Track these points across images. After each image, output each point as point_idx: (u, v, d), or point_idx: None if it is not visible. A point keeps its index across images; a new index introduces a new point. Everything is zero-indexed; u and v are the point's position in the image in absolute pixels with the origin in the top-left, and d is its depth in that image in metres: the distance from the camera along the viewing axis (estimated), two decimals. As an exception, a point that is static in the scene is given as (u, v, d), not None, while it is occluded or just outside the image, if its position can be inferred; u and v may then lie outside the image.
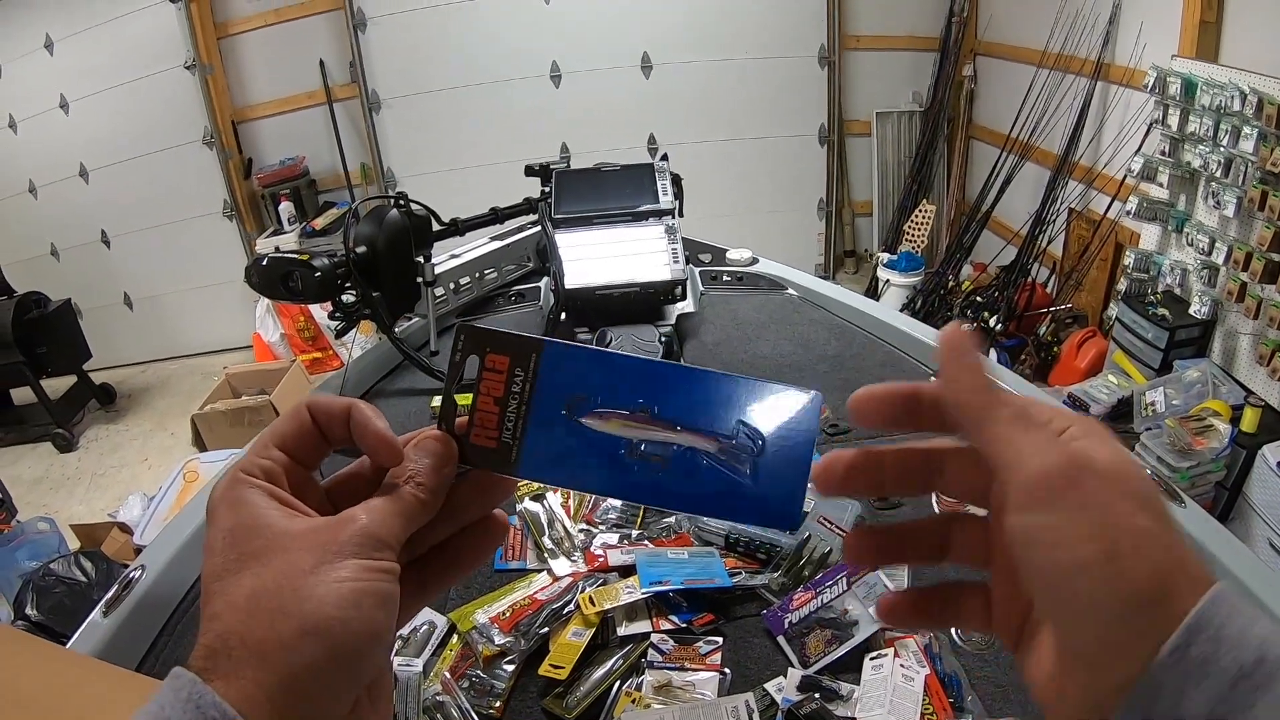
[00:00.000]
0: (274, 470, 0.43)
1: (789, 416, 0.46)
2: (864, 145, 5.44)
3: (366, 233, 1.80)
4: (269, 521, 0.41)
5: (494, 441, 0.46)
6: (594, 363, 0.47)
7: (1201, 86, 2.98)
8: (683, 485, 0.46)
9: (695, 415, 0.46)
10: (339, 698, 0.39)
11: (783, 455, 0.45)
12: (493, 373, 0.46)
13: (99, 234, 5.49)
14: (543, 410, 0.46)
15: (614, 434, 0.46)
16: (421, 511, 0.43)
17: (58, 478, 4.56)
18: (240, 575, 0.39)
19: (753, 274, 2.36)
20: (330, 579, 0.38)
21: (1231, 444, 2.77)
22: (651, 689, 1.07)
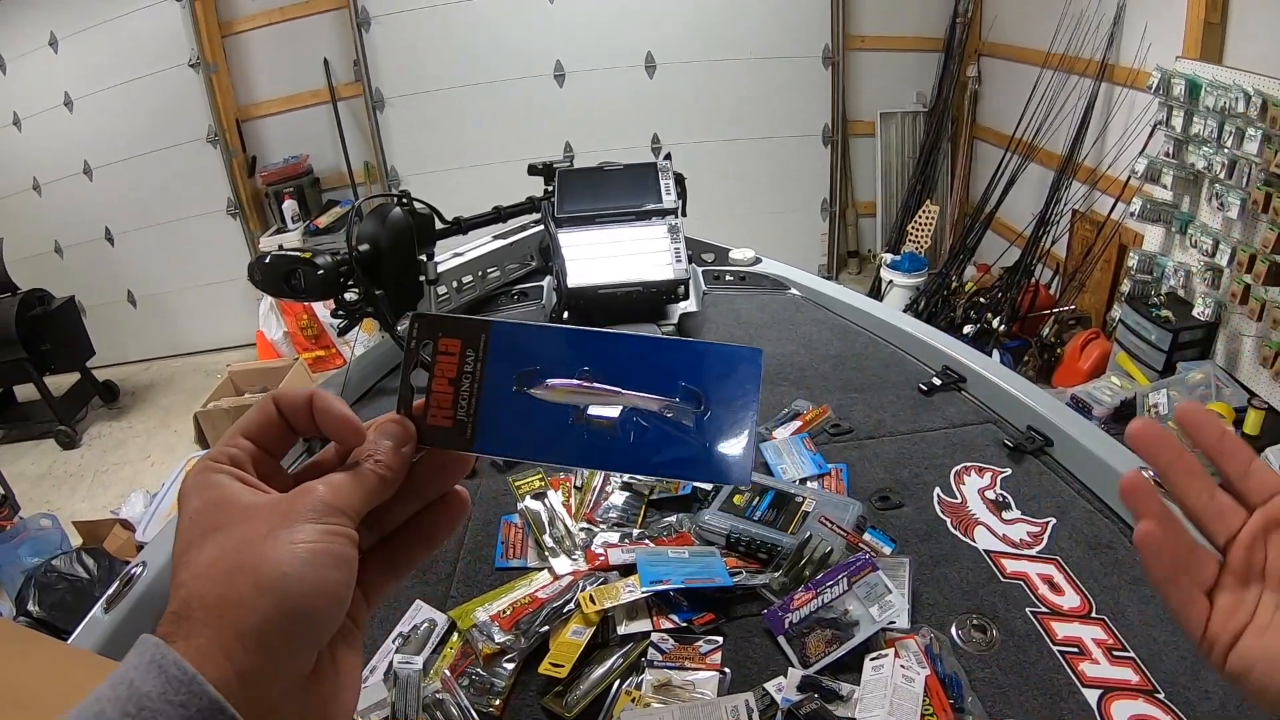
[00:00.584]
0: (240, 457, 0.46)
1: (731, 375, 0.48)
2: (868, 145, 5.43)
3: (369, 231, 1.80)
4: (233, 497, 0.43)
5: (450, 421, 0.48)
6: (539, 338, 0.49)
7: (1206, 88, 2.98)
8: (632, 447, 0.48)
9: (639, 379, 0.48)
10: (296, 654, 0.41)
11: (727, 412, 0.47)
12: (446, 355, 0.49)
13: (103, 231, 5.50)
14: (494, 387, 0.49)
15: (561, 402, 0.48)
16: (381, 487, 0.46)
17: (60, 474, 4.57)
18: (204, 546, 0.41)
19: (755, 274, 2.36)
20: (286, 540, 0.41)
21: (1234, 447, 2.76)
22: (651, 688, 1.07)
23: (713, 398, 0.47)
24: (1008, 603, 1.19)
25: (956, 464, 1.49)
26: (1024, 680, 1.07)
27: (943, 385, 1.73)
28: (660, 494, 1.45)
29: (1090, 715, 1.02)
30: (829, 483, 1.46)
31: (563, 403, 0.48)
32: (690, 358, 0.48)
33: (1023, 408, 1.59)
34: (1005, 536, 1.32)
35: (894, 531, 1.33)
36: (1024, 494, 1.41)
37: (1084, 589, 1.20)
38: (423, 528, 0.50)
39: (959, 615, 1.18)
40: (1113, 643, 1.11)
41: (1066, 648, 1.11)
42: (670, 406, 0.48)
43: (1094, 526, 1.33)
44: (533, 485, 1.48)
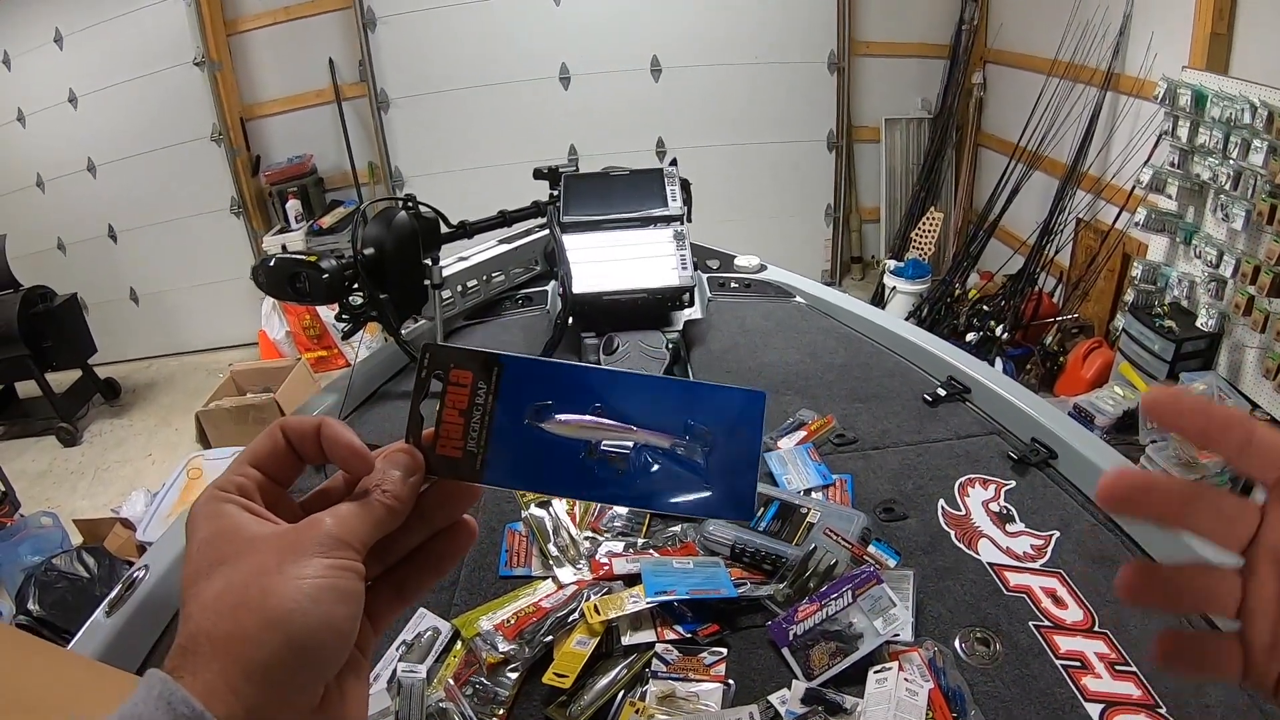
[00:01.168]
0: (248, 486, 0.46)
1: (736, 414, 0.50)
2: (872, 152, 5.43)
3: (374, 234, 1.80)
4: (240, 527, 0.43)
5: (459, 451, 0.49)
6: (552, 373, 0.50)
7: (1212, 98, 2.98)
8: (641, 483, 0.49)
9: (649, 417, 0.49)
10: (303, 689, 0.41)
11: (733, 450, 0.49)
12: (457, 387, 0.49)
13: (106, 229, 5.50)
14: (505, 420, 0.49)
15: (574, 437, 0.49)
16: (389, 517, 0.46)
17: (61, 472, 4.57)
18: (211, 578, 0.41)
19: (760, 281, 2.35)
20: (293, 575, 0.41)
21: (1236, 458, 2.76)
22: (655, 699, 1.07)
23: (719, 437, 0.49)
24: (1011, 616, 1.19)
25: (961, 476, 1.48)
26: (1026, 694, 1.07)
27: (947, 396, 1.72)
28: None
29: None
30: (833, 493, 1.46)
31: (575, 437, 0.49)
32: (697, 398, 0.50)
33: (1027, 419, 1.58)
34: (1009, 549, 1.32)
35: (898, 543, 1.33)
36: (1028, 506, 1.41)
37: (1087, 603, 1.20)
38: (430, 555, 0.51)
39: (962, 628, 1.17)
40: (1115, 657, 1.11)
41: (1069, 662, 1.11)
42: (680, 444, 0.49)
43: (1097, 540, 1.32)
44: (537, 494, 1.48)
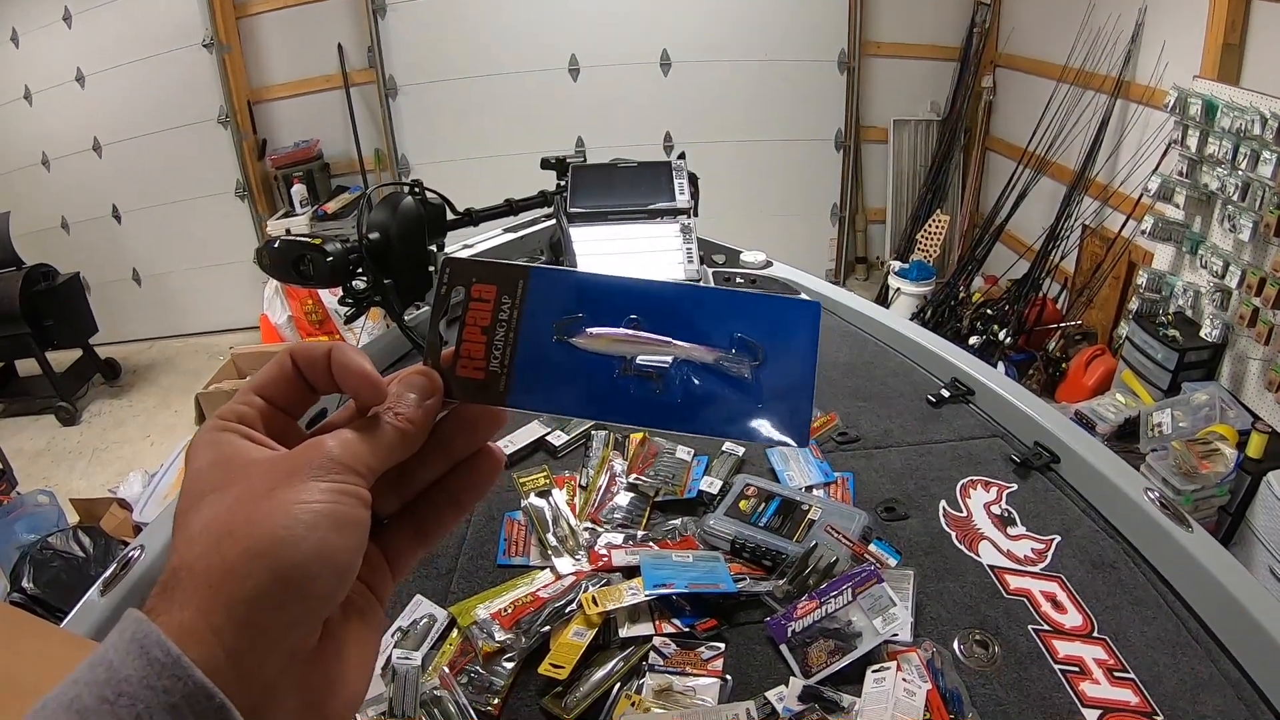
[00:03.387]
0: (249, 415, 0.43)
1: (788, 327, 0.45)
2: (880, 152, 5.42)
3: (380, 219, 1.79)
4: (235, 453, 0.40)
5: (481, 373, 0.45)
6: (583, 285, 0.46)
7: (1222, 109, 2.97)
8: (681, 402, 0.45)
9: (690, 330, 0.45)
10: (293, 628, 0.37)
11: (784, 366, 0.44)
12: (479, 302, 0.45)
13: (110, 209, 5.50)
14: (531, 336, 0.45)
15: (606, 352, 0.45)
16: (400, 442, 0.42)
17: (59, 451, 4.56)
18: (200, 508, 0.38)
19: (766, 277, 2.35)
20: (286, 500, 0.37)
21: (1237, 469, 2.76)
22: (652, 692, 1.06)
23: (768, 349, 0.44)
24: (1010, 619, 1.19)
25: (963, 477, 1.48)
26: (1024, 698, 1.07)
27: (951, 397, 1.72)
28: (665, 496, 1.44)
29: None
30: (835, 491, 1.45)
31: (607, 353, 0.45)
32: (743, 309, 0.45)
33: (1031, 423, 1.58)
34: (1010, 552, 1.32)
35: (899, 543, 1.32)
36: (1029, 510, 1.40)
37: (1086, 608, 1.20)
38: (451, 489, 0.46)
39: (961, 630, 1.17)
40: (1114, 663, 1.11)
41: (1067, 667, 1.11)
42: (725, 358, 0.44)
43: (1098, 545, 1.32)
44: (537, 483, 1.47)
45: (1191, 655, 1.12)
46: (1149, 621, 1.17)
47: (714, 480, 1.46)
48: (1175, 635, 1.15)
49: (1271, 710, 1.05)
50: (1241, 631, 1.13)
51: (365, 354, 0.44)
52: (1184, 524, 1.29)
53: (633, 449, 1.55)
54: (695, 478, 1.48)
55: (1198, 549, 1.23)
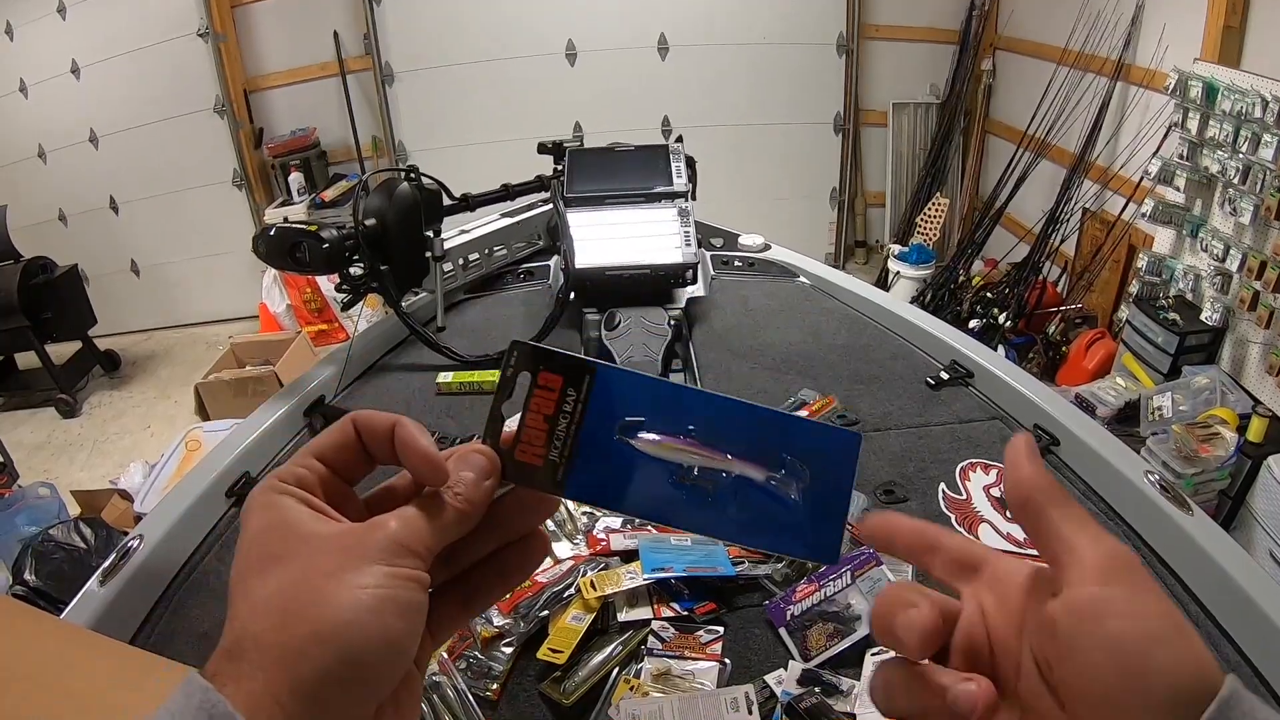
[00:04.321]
0: (308, 479, 0.43)
1: (831, 455, 0.47)
2: (879, 136, 5.40)
3: (376, 205, 1.78)
4: (297, 523, 0.40)
5: (540, 459, 0.46)
6: (648, 388, 0.48)
7: (1223, 92, 2.95)
8: (730, 513, 0.47)
9: (745, 445, 0.47)
10: (355, 706, 0.38)
11: (825, 491, 0.47)
12: (545, 390, 0.47)
13: (108, 200, 5.48)
14: (593, 431, 0.47)
15: (666, 458, 0.47)
16: (459, 522, 0.43)
17: (60, 443, 4.56)
18: (263, 576, 0.39)
19: (764, 260, 2.34)
20: (350, 584, 0.38)
21: (1237, 453, 2.75)
22: (650, 677, 1.06)
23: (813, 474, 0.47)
24: None
25: (962, 460, 1.48)
26: None
27: (950, 380, 1.72)
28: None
29: None
30: (834, 475, 1.44)
31: (668, 459, 0.47)
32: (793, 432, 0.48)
33: (1030, 406, 1.58)
34: (1009, 535, 1.31)
35: (898, 526, 1.32)
36: None
37: None
38: (499, 567, 0.47)
39: (961, 612, 1.17)
40: None
41: (1066, 649, 1.10)
42: (774, 478, 0.47)
43: None
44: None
45: None
46: None
47: (713, 463, 1.45)
48: None
49: (1272, 695, 1.04)
50: (1242, 616, 1.12)
51: (426, 431, 0.44)
52: (1185, 507, 1.28)
53: (631, 432, 1.54)
54: (694, 461, 1.47)
55: (1199, 532, 1.23)
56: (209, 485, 1.47)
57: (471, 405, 1.75)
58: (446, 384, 1.79)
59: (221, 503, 1.47)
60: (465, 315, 2.14)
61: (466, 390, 1.79)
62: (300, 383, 1.79)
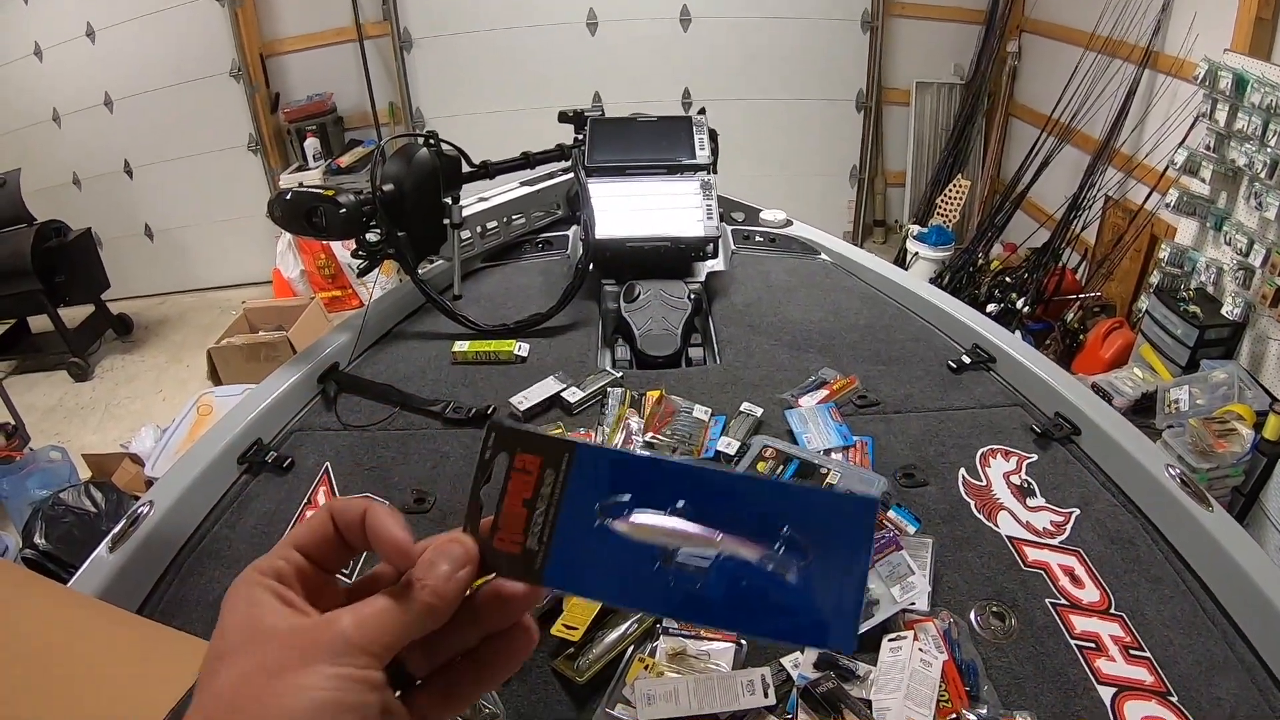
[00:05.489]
0: (285, 571, 0.43)
1: (841, 526, 0.42)
2: (901, 115, 5.34)
3: (394, 171, 1.76)
4: (261, 616, 0.40)
5: (518, 547, 0.44)
6: (630, 466, 0.45)
7: (1253, 84, 2.89)
8: (724, 599, 0.43)
9: (737, 522, 0.43)
10: None
11: (835, 566, 0.42)
12: (522, 473, 0.45)
13: (122, 164, 5.46)
14: (572, 515, 0.44)
15: (649, 541, 0.43)
16: (426, 617, 0.41)
17: (71, 406, 4.58)
18: (224, 667, 0.38)
19: (786, 236, 2.32)
20: (293, 684, 0.37)
21: (1253, 450, 2.73)
22: (666, 656, 1.05)
23: (817, 550, 0.42)
24: (1027, 592, 1.18)
25: (983, 446, 1.46)
26: (1040, 672, 1.06)
27: (972, 364, 1.70)
28: (681, 456, 1.42)
29: (1103, 713, 1.01)
30: (854, 455, 1.43)
31: (651, 542, 0.43)
32: (795, 502, 0.43)
33: (1052, 393, 1.56)
34: (1028, 524, 1.30)
35: (917, 510, 1.31)
36: (1049, 482, 1.39)
37: (1104, 583, 1.19)
38: (482, 660, 0.46)
39: (979, 601, 1.16)
40: (1130, 641, 1.10)
41: (1084, 642, 1.10)
42: (770, 557, 0.42)
43: (1117, 520, 1.30)
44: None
45: (1207, 637, 1.11)
46: (1166, 600, 1.16)
47: (731, 441, 1.44)
48: (1191, 616, 1.14)
49: None
50: (1259, 616, 1.11)
51: (399, 516, 0.44)
52: (1205, 503, 1.27)
53: (649, 407, 1.53)
54: (712, 438, 1.46)
55: (1218, 530, 1.22)
56: (220, 452, 1.47)
57: (487, 375, 1.74)
58: (462, 353, 1.78)
59: (233, 470, 1.47)
60: (482, 284, 2.13)
61: (482, 360, 1.77)
62: (314, 349, 1.78)
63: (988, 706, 0.99)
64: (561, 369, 1.69)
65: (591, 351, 1.82)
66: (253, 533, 1.34)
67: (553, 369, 1.69)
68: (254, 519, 1.37)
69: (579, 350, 1.81)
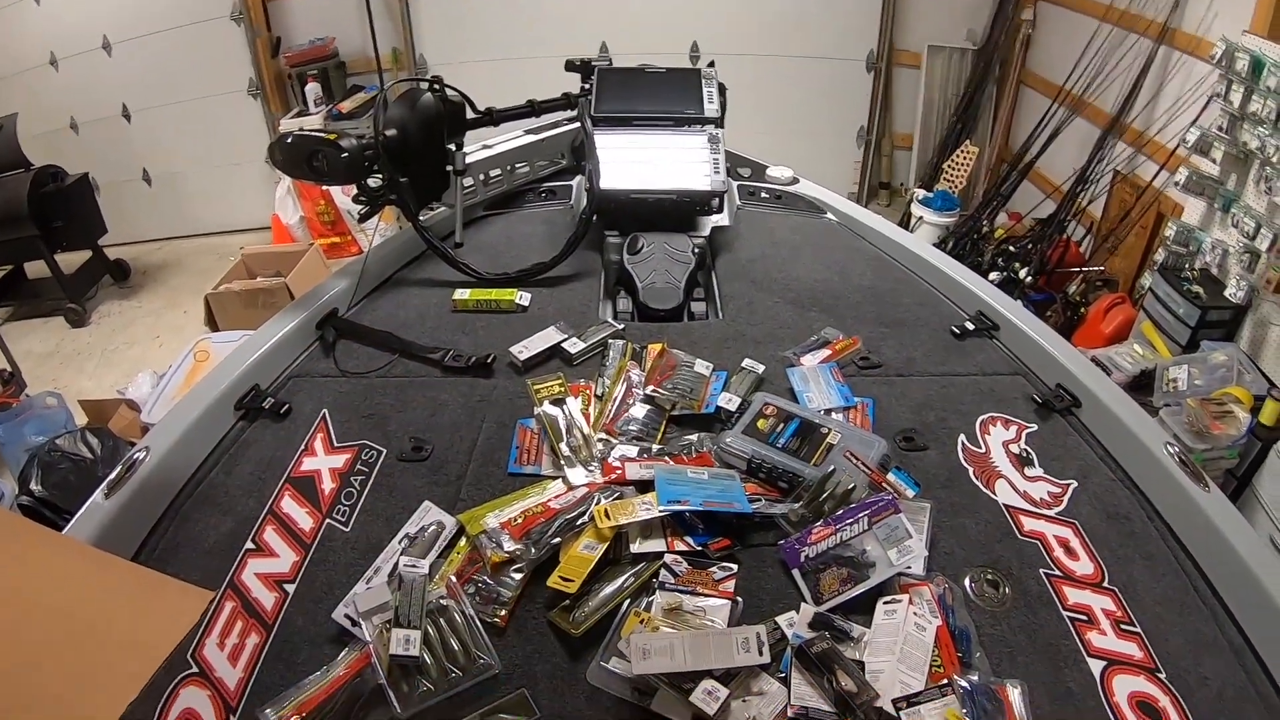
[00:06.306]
0: None
1: None
2: (912, 78, 5.25)
3: (397, 115, 1.74)
4: None
5: None
6: None
7: (1270, 67, 2.84)
8: None
9: None
10: None
11: None
12: None
13: (120, 108, 5.38)
14: None
15: None
16: None
17: (68, 352, 4.55)
18: None
19: (792, 194, 2.29)
20: None
21: (1249, 434, 2.73)
22: (661, 611, 1.04)
23: None
24: (1022, 561, 1.18)
25: (983, 413, 1.46)
26: (1031, 642, 1.06)
27: (976, 331, 1.69)
28: (682, 410, 1.42)
29: (1092, 686, 1.02)
30: (854, 417, 1.42)
31: None
32: None
33: (1054, 364, 1.56)
34: (1026, 493, 1.30)
35: (916, 474, 1.30)
36: (1048, 452, 1.38)
37: (1099, 557, 1.19)
38: None
39: (974, 568, 1.16)
40: (1121, 615, 1.10)
41: (1076, 615, 1.10)
42: None
43: (1114, 495, 1.30)
44: (551, 390, 1.44)
45: (1197, 616, 1.11)
46: (1159, 578, 1.16)
47: (732, 397, 1.43)
48: (1183, 595, 1.14)
49: (1270, 680, 1.04)
50: (1250, 599, 1.12)
51: None
52: (1202, 483, 1.27)
53: (650, 360, 1.52)
54: (714, 393, 1.45)
55: (1214, 511, 1.22)
56: (217, 398, 1.46)
57: (487, 323, 1.72)
58: (462, 301, 1.77)
59: (230, 415, 1.46)
60: (484, 232, 2.11)
61: (483, 308, 1.76)
62: (313, 295, 1.76)
63: (979, 674, 0.99)
64: (563, 319, 1.67)
65: (593, 303, 1.81)
66: (249, 478, 1.33)
67: (554, 319, 1.68)
68: (250, 465, 1.36)
69: (581, 301, 1.80)
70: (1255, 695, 1.02)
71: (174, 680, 1.01)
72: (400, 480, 1.31)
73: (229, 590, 1.12)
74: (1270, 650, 1.06)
